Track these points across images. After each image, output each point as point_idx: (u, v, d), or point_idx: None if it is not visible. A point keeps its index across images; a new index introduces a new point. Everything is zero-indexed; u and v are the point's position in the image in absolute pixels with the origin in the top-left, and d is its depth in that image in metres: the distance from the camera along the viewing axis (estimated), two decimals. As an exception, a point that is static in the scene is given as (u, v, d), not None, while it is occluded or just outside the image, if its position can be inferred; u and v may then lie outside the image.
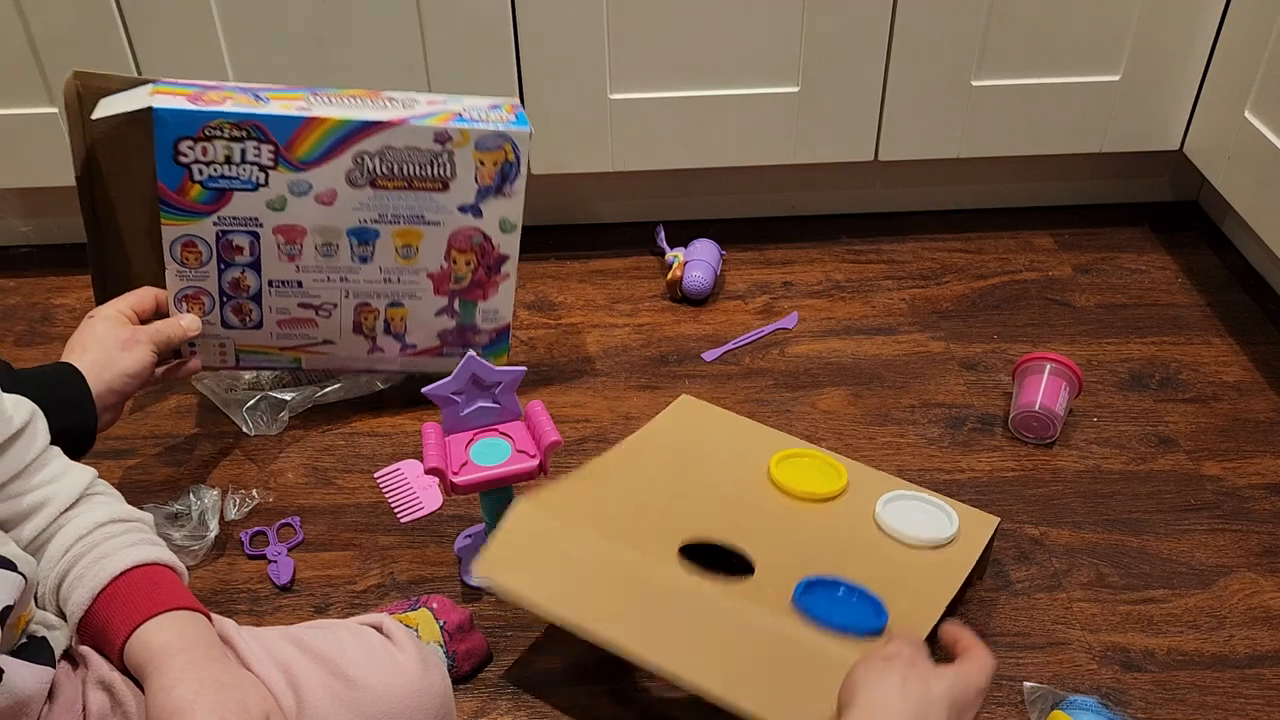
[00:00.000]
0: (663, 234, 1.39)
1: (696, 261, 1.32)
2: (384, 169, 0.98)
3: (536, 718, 0.86)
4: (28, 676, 0.60)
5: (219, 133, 0.94)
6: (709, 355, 1.24)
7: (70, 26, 1.20)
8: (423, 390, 0.91)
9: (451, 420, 0.92)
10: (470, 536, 1.01)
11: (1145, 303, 1.31)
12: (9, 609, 0.59)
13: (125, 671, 0.64)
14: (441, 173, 1.00)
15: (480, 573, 0.83)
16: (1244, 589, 0.95)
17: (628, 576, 0.83)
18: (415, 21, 1.21)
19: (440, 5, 1.20)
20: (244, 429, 1.12)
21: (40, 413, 0.70)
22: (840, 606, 0.82)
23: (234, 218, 0.98)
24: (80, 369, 0.90)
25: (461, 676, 0.89)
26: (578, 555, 0.84)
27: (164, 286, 1.02)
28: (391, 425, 1.15)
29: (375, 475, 1.09)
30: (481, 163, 1.00)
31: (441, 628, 0.89)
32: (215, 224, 0.98)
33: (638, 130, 1.30)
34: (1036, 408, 1.09)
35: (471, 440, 0.92)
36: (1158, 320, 1.28)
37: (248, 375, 1.16)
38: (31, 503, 0.67)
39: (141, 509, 1.00)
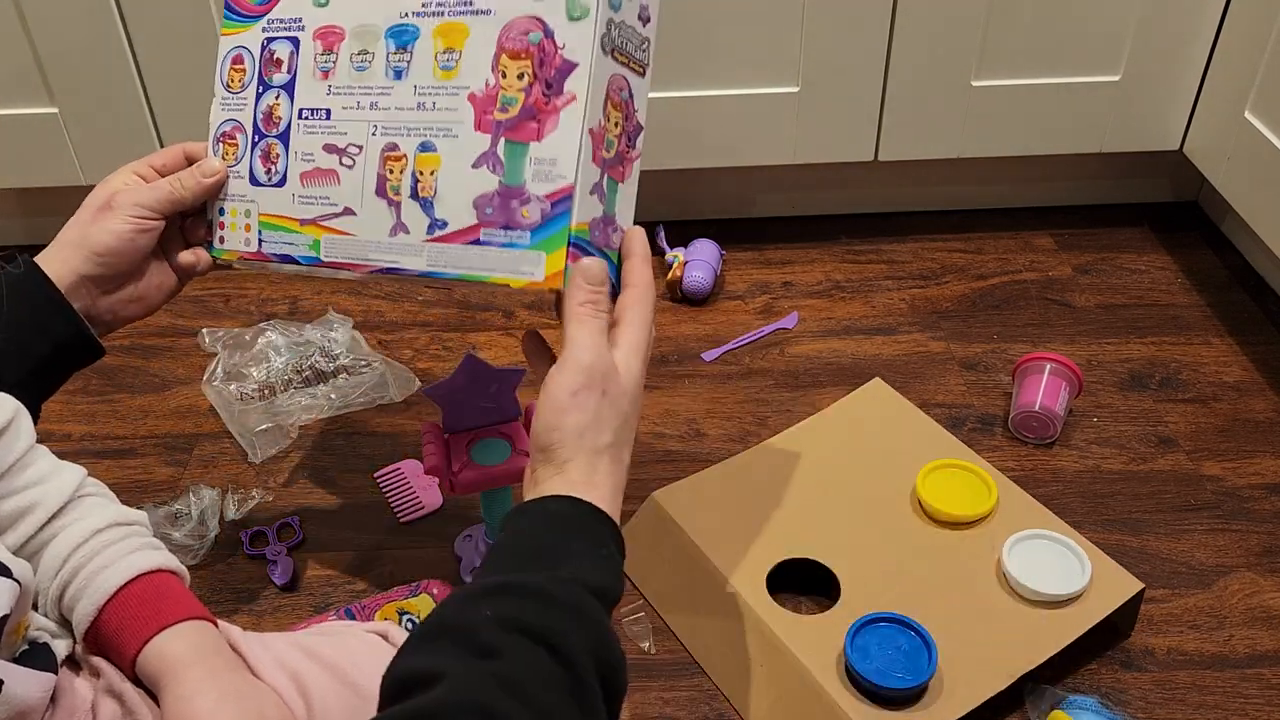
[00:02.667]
0: (663, 234, 1.39)
1: (696, 261, 1.32)
2: None
3: (536, 717, 0.86)
4: (30, 685, 0.59)
5: None
6: (709, 355, 1.24)
7: (69, 25, 1.20)
8: (422, 390, 0.91)
9: (451, 420, 0.92)
10: (470, 536, 1.01)
11: (1145, 303, 1.31)
12: (5, 617, 0.59)
13: (136, 681, 0.64)
14: None
15: None
16: (1244, 589, 0.95)
17: (712, 591, 0.90)
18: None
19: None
20: (250, 456, 1.11)
21: (23, 410, 0.67)
22: (887, 653, 0.82)
23: (280, 20, 0.86)
24: (43, 261, 0.75)
25: None
26: (674, 557, 0.94)
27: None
28: (391, 425, 1.15)
29: (375, 475, 1.09)
30: None
31: None
32: (264, 30, 0.86)
33: (638, 130, 1.30)
34: (1036, 408, 1.09)
35: (471, 440, 0.92)
36: (1158, 320, 1.28)
37: (256, 375, 1.16)
38: (16, 507, 0.65)
39: (141, 509, 1.01)
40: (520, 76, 0.77)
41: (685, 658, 0.91)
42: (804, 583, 0.92)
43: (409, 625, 0.88)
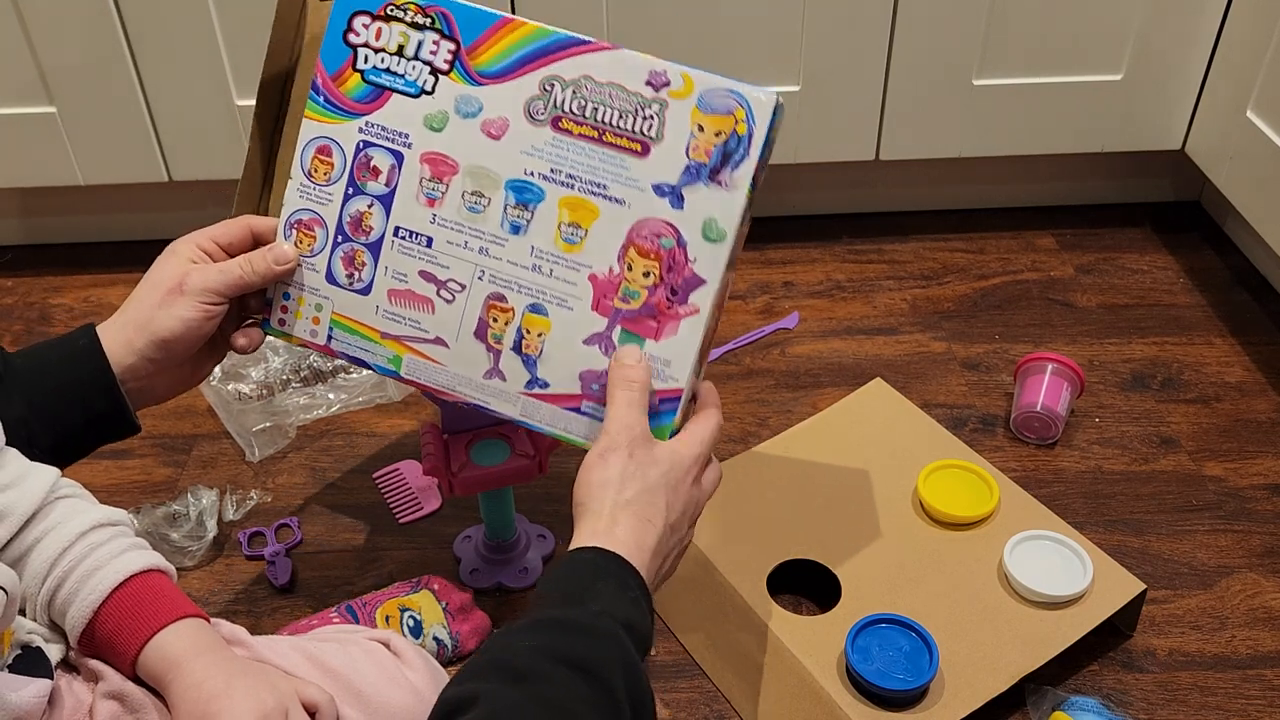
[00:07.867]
0: (663, 234, 1.38)
1: (697, 261, 1.32)
2: (574, 105, 0.78)
3: (535, 719, 0.86)
4: (23, 691, 0.59)
5: (401, 14, 0.80)
6: (709, 355, 1.24)
7: (68, 26, 1.20)
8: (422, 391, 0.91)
9: (451, 420, 0.92)
10: (469, 537, 1.00)
11: (1147, 303, 1.30)
12: None
13: (137, 681, 0.64)
14: (644, 129, 0.77)
15: None
16: (1246, 589, 0.95)
17: (713, 592, 0.90)
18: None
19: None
20: (249, 456, 1.10)
21: None
22: (888, 655, 0.82)
23: (383, 127, 0.82)
24: (106, 335, 0.74)
25: (465, 655, 0.90)
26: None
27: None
28: (390, 425, 1.14)
29: (374, 476, 1.09)
30: (700, 128, 0.76)
31: (444, 609, 0.89)
32: (361, 130, 0.82)
33: (638, 130, 1.30)
34: (1038, 408, 1.09)
35: (471, 441, 0.92)
36: (1159, 320, 1.27)
37: (255, 375, 1.16)
38: None
39: (140, 509, 1.02)
40: (646, 274, 0.78)
41: (685, 659, 0.91)
42: (804, 583, 0.92)
43: (410, 622, 0.88)
